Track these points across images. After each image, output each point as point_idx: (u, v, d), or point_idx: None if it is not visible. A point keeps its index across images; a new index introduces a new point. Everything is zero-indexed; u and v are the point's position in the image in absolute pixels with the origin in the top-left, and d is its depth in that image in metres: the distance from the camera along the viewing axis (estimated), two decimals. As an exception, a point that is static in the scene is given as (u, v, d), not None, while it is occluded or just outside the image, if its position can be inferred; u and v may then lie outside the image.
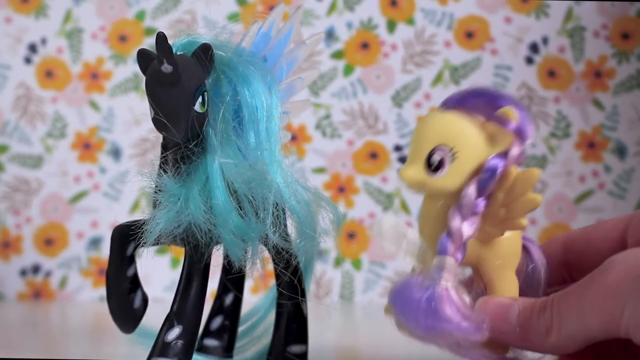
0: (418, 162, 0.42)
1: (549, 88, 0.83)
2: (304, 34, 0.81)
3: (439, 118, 0.43)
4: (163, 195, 0.45)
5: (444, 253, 0.42)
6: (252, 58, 0.48)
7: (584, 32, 0.83)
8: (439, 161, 0.42)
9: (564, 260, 0.47)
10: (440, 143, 0.42)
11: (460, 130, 0.42)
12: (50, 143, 0.84)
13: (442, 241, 0.42)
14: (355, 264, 0.83)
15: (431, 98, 0.83)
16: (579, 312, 0.38)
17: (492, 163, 0.42)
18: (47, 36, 0.84)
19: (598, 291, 0.38)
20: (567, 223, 0.82)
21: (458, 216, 0.42)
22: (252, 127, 0.47)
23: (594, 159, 0.83)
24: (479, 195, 0.42)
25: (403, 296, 0.42)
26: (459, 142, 0.42)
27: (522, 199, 0.42)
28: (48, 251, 0.83)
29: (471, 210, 0.42)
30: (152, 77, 0.44)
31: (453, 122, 0.42)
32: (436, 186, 0.42)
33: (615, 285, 0.37)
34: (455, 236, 0.42)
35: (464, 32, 0.83)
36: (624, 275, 0.37)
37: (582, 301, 0.38)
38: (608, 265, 0.38)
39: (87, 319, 0.77)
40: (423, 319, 0.41)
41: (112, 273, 0.49)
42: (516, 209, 0.42)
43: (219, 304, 0.55)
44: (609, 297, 0.37)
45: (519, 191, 0.42)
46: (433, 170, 0.42)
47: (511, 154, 0.42)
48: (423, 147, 0.42)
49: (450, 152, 0.42)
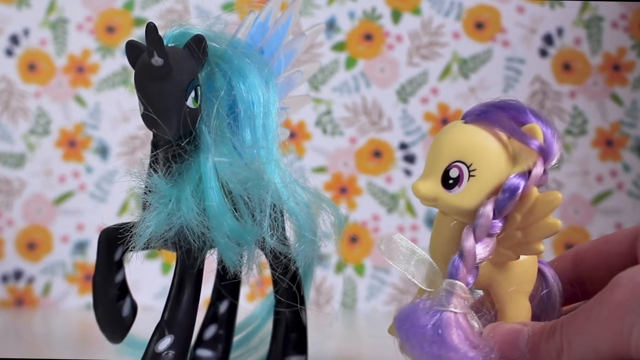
0: (434, 176, 0.42)
1: (564, 82, 0.83)
2: (304, 24, 0.81)
3: (458, 131, 0.43)
4: (153, 197, 0.45)
5: (455, 276, 0.41)
6: (248, 50, 0.48)
7: (602, 23, 0.83)
8: (456, 177, 0.42)
9: (575, 276, 0.47)
10: (458, 158, 0.42)
11: (481, 146, 0.42)
12: (33, 140, 0.84)
13: (453, 263, 0.42)
14: (358, 270, 0.83)
15: (438, 93, 0.83)
16: (587, 335, 0.39)
17: (512, 182, 0.41)
18: (29, 27, 0.84)
19: (605, 312, 0.38)
20: (583, 226, 0.82)
21: (472, 237, 0.42)
22: (248, 123, 0.47)
23: (612, 157, 0.83)
24: (496, 216, 0.42)
25: (409, 321, 0.41)
26: (479, 158, 0.42)
27: (541, 222, 0.41)
28: (31, 256, 0.83)
29: (487, 232, 0.42)
30: (142, 71, 0.44)
31: (474, 137, 0.42)
32: (451, 203, 0.42)
33: (622, 305, 0.38)
34: (468, 258, 0.41)
35: (473, 22, 0.83)
36: (630, 294, 0.38)
37: (590, 323, 0.39)
38: (614, 284, 0.39)
39: (73, 327, 0.77)
40: (429, 346, 0.41)
41: (99, 279, 0.49)
42: (534, 232, 0.42)
43: (213, 312, 0.55)
44: (616, 318, 0.38)
45: (538, 214, 0.41)
46: (449, 186, 0.42)
47: (534, 174, 0.42)
48: (440, 160, 0.42)
49: (468, 169, 0.42)
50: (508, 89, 0.83)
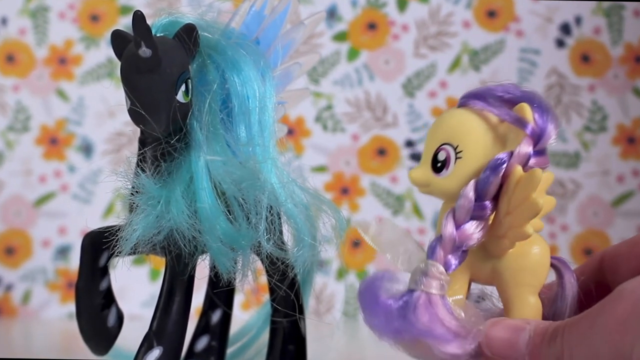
0: (426, 161, 0.44)
1: (583, 75, 0.83)
2: (303, 12, 0.81)
3: (448, 115, 0.44)
4: (141, 198, 0.45)
5: (431, 257, 0.43)
6: (243, 40, 0.48)
7: (623, 11, 0.83)
8: (444, 160, 0.43)
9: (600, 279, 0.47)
10: (445, 141, 0.43)
11: (468, 128, 0.43)
12: (11, 138, 0.84)
13: (430, 244, 0.43)
14: (361, 276, 0.83)
15: (447, 86, 0.83)
16: (589, 344, 0.39)
17: (494, 161, 0.42)
18: (7, 15, 0.84)
19: (607, 324, 0.39)
20: (602, 229, 0.82)
21: (451, 220, 0.43)
22: (242, 119, 0.47)
23: (634, 155, 0.83)
24: (479, 197, 0.42)
25: (372, 292, 0.43)
26: (465, 140, 0.43)
27: (524, 203, 0.42)
28: (9, 261, 0.84)
29: (467, 213, 0.42)
30: (129, 63, 0.44)
31: (461, 119, 0.44)
32: (440, 187, 0.44)
33: (623, 320, 0.38)
34: (446, 239, 0.42)
35: (485, 10, 0.83)
36: (632, 308, 0.38)
37: (593, 334, 0.39)
38: (617, 296, 0.39)
39: (54, 338, 0.77)
40: (395, 322, 0.42)
41: (83, 286, 0.49)
42: (519, 215, 0.42)
43: (205, 322, 0.56)
44: (617, 332, 0.38)
45: (521, 195, 0.42)
46: (438, 169, 0.43)
47: (517, 152, 0.42)
48: (431, 145, 0.44)
49: (455, 150, 0.43)
50: (522, 82, 0.83)
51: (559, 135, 0.81)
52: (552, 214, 0.82)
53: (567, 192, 0.83)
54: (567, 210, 0.83)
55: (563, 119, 0.83)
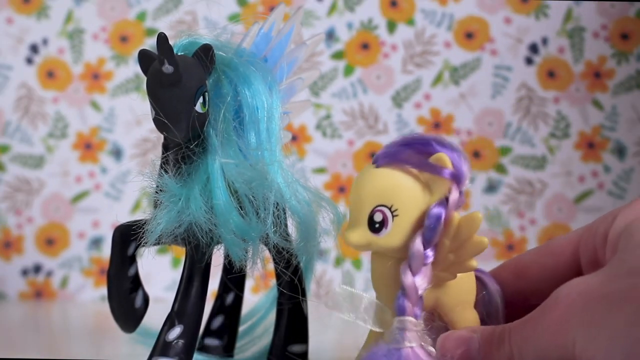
0: (361, 223, 0.43)
1: (549, 88, 0.83)
2: (305, 34, 0.81)
3: (373, 176, 0.43)
4: (164, 195, 0.45)
5: (403, 313, 0.41)
6: (253, 58, 0.48)
7: (584, 33, 0.83)
8: (381, 220, 0.42)
9: (517, 288, 0.47)
10: (379, 202, 0.42)
11: (396, 187, 0.42)
12: (51, 143, 0.84)
13: (398, 301, 0.42)
14: (356, 264, 0.83)
15: (431, 98, 0.83)
16: (535, 344, 0.39)
17: (433, 213, 0.41)
18: (48, 37, 0.84)
19: (550, 325, 0.38)
20: (566, 223, 0.82)
21: (409, 272, 0.42)
22: (252, 127, 0.47)
23: (594, 159, 0.83)
24: (426, 247, 0.42)
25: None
26: (397, 199, 0.42)
27: (468, 242, 0.42)
28: (49, 251, 0.83)
29: (421, 263, 0.42)
30: (154, 78, 0.44)
31: (387, 179, 0.42)
32: (383, 245, 0.42)
33: (562, 322, 0.38)
34: (411, 292, 0.41)
35: (463, 32, 0.83)
36: (568, 309, 0.38)
37: (537, 333, 0.39)
38: (554, 300, 0.39)
39: (88, 318, 0.77)
40: None
41: (114, 273, 0.49)
42: (464, 252, 0.42)
43: (220, 304, 0.55)
44: (559, 332, 0.38)
45: (464, 236, 0.42)
46: (376, 230, 0.42)
47: (451, 200, 0.42)
48: (363, 208, 0.42)
49: (390, 210, 0.42)
50: (496, 95, 0.83)
51: (529, 141, 0.81)
52: (522, 210, 0.82)
53: (535, 191, 0.83)
54: (535, 207, 0.83)
55: (532, 127, 0.83)
